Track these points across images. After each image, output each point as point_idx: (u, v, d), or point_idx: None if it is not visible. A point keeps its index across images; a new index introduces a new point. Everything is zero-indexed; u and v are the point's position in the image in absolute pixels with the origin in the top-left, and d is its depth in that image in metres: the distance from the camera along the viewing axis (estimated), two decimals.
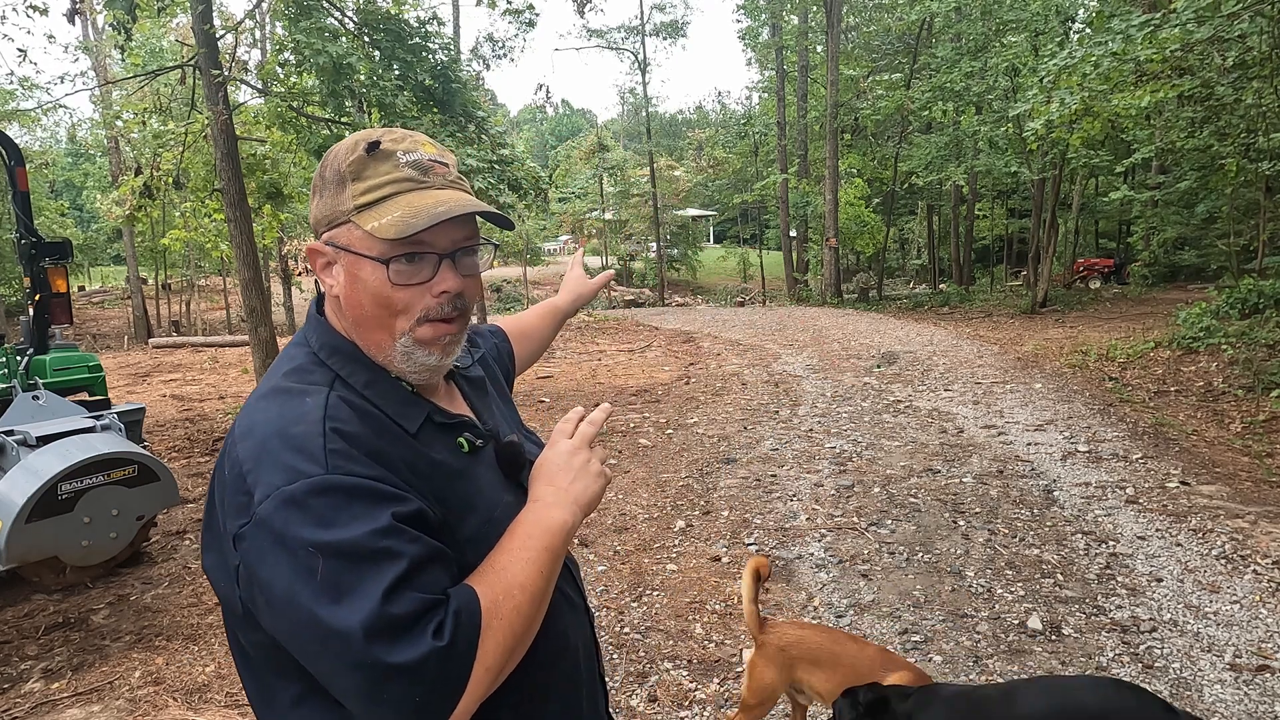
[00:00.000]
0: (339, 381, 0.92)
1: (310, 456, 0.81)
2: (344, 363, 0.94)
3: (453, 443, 0.96)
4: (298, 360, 0.96)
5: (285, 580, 0.77)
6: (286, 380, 0.92)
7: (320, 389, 0.90)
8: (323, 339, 0.97)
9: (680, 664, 3.20)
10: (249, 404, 0.92)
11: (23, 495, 3.64)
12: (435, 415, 0.96)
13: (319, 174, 0.96)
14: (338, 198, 0.93)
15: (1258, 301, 9.52)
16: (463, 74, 9.24)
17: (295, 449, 0.82)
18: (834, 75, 20.06)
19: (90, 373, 5.05)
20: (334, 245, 0.93)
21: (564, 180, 43.88)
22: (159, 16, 9.44)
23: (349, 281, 0.93)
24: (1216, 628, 3.30)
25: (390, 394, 0.94)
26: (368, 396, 0.92)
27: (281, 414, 0.86)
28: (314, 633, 0.77)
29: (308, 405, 0.87)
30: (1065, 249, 22.97)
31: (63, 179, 34.48)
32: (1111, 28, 7.48)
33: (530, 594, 0.85)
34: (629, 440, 6.81)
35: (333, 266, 0.95)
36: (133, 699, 3.11)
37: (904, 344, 11.85)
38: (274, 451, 0.82)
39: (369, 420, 0.88)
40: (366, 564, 0.77)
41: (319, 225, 0.96)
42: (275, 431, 0.84)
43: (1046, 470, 5.47)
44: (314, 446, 0.82)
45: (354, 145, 0.94)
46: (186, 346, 17.57)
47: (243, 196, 8.26)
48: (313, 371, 0.93)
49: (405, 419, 0.92)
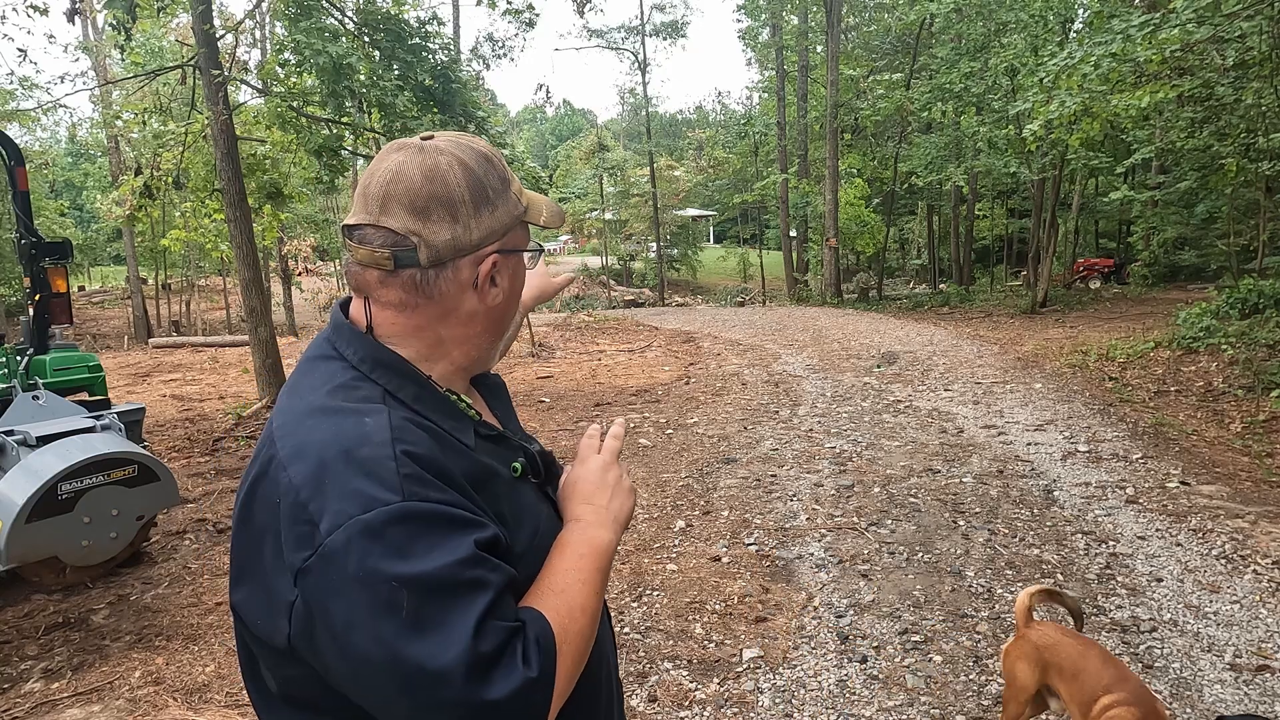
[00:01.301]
0: (389, 397, 0.88)
1: (383, 482, 0.76)
2: (391, 377, 0.90)
3: (502, 457, 0.95)
4: (339, 377, 0.89)
5: (363, 617, 0.73)
6: (334, 399, 0.86)
7: (378, 407, 0.85)
8: (362, 351, 0.91)
9: (680, 664, 3.20)
10: (292, 422, 0.86)
11: (23, 495, 3.63)
12: (480, 428, 0.94)
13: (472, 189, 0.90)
14: (509, 202, 0.94)
15: (1258, 301, 9.51)
16: (463, 74, 9.24)
17: (365, 474, 0.77)
18: (834, 75, 20.06)
19: (90, 373, 5.05)
20: (509, 251, 0.95)
21: (564, 180, 43.92)
22: (159, 16, 9.42)
23: (513, 284, 0.96)
24: (1216, 628, 3.30)
25: (440, 407, 0.91)
26: (419, 411, 0.88)
27: (340, 435, 0.81)
28: (396, 672, 0.72)
29: (368, 426, 0.82)
30: (1065, 249, 22.98)
31: (63, 179, 34.47)
32: (1111, 28, 7.48)
33: (590, 616, 0.86)
34: (629, 440, 6.81)
35: (499, 276, 0.94)
36: (133, 699, 3.11)
37: (904, 344, 11.85)
38: (340, 476, 0.77)
39: (434, 439, 0.85)
40: (454, 597, 0.74)
41: (489, 238, 0.91)
42: (339, 454, 0.79)
43: (1046, 470, 5.47)
44: (386, 471, 0.77)
45: (490, 152, 0.94)
46: (186, 346, 17.57)
47: (243, 196, 8.26)
48: (359, 387, 0.88)
49: (460, 433, 0.90)
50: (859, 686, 2.99)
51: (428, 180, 0.87)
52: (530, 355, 12.56)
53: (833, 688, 3.00)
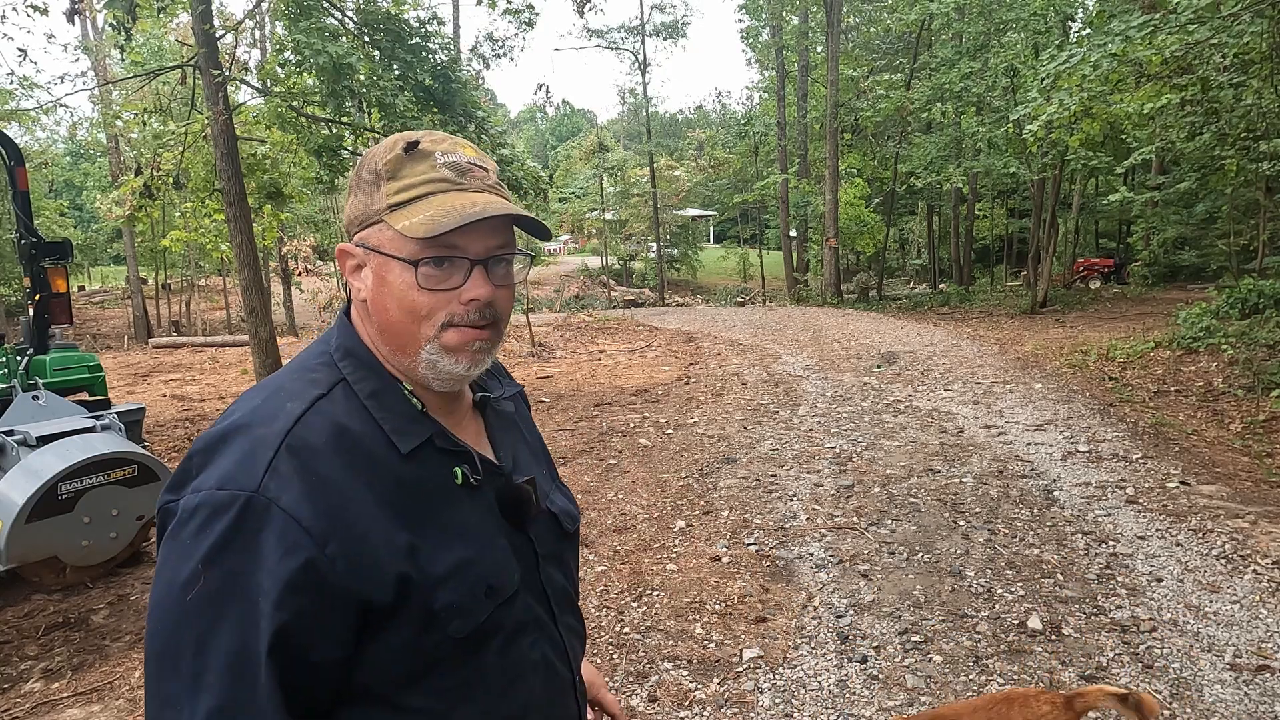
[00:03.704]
0: (344, 385, 0.88)
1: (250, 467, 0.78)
2: (355, 368, 0.90)
3: (448, 469, 0.90)
4: (309, 360, 0.92)
5: (159, 590, 0.77)
6: (286, 378, 0.90)
7: (314, 393, 0.86)
8: (342, 341, 0.93)
9: (680, 664, 3.20)
10: (246, 392, 0.91)
11: (23, 495, 3.64)
12: (438, 439, 0.90)
13: (355, 173, 0.93)
14: (372, 197, 0.89)
15: (1258, 301, 9.52)
16: (463, 74, 9.24)
17: (245, 453, 0.80)
18: (834, 75, 20.06)
19: (90, 373, 5.05)
20: (364, 246, 0.90)
21: (564, 180, 43.91)
22: (159, 16, 9.42)
23: (376, 284, 0.89)
24: (1216, 628, 3.30)
25: (395, 408, 0.89)
26: (369, 408, 0.87)
27: (257, 410, 0.84)
28: (147, 668, 0.76)
29: (286, 410, 0.84)
30: (1065, 249, 22.98)
31: (63, 179, 34.48)
32: (1111, 29, 7.48)
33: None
34: (629, 440, 6.81)
35: (362, 269, 0.91)
36: (133, 699, 3.11)
37: (904, 344, 11.85)
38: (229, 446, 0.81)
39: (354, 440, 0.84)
40: (216, 621, 0.75)
41: (351, 226, 0.92)
42: (241, 426, 0.82)
43: (1046, 470, 5.47)
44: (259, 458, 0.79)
45: (393, 144, 0.90)
46: (186, 346, 17.57)
47: (243, 196, 8.26)
48: (317, 371, 0.90)
49: (402, 436, 0.87)
50: (859, 686, 2.99)
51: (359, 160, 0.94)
52: (530, 355, 12.56)
53: (833, 688, 2.99)
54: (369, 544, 0.80)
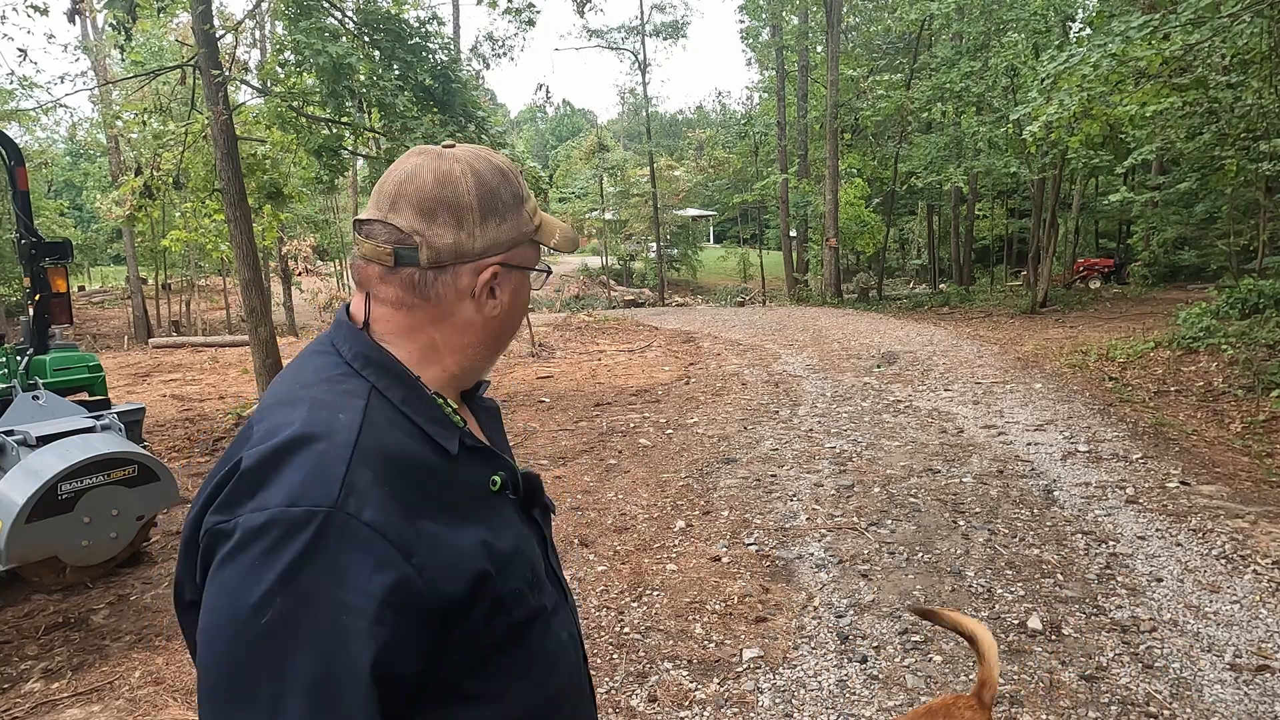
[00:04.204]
0: (375, 394, 0.87)
1: (324, 482, 0.76)
2: (380, 375, 0.89)
3: (484, 471, 0.93)
4: (329, 370, 0.89)
5: (227, 610, 0.73)
6: (318, 390, 0.86)
7: (358, 404, 0.84)
8: (356, 347, 0.91)
9: (680, 664, 3.20)
10: (271, 407, 0.86)
11: (23, 495, 3.64)
12: (466, 438, 0.92)
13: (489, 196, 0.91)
14: (519, 217, 0.95)
15: (1258, 301, 9.52)
16: (463, 74, 9.24)
17: (312, 468, 0.77)
18: (834, 75, 20.06)
19: (90, 373, 5.05)
20: (512, 266, 0.95)
21: (564, 180, 43.92)
22: (159, 16, 9.42)
23: (513, 300, 0.97)
24: (1216, 628, 3.30)
25: (427, 412, 0.89)
26: (406, 413, 0.87)
27: (307, 424, 0.80)
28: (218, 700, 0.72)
29: (339, 421, 0.81)
30: (1065, 249, 22.98)
31: (63, 179, 34.47)
32: (1111, 29, 7.48)
33: None
34: (629, 440, 6.81)
35: (497, 291, 0.94)
36: (133, 699, 3.11)
37: (904, 344, 11.85)
38: (290, 463, 0.77)
39: (415, 442, 0.85)
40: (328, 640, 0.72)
41: (493, 250, 0.92)
42: (298, 440, 0.78)
43: (1046, 470, 5.47)
44: (333, 472, 0.76)
45: (502, 165, 0.95)
46: (186, 346, 17.57)
47: (243, 196, 8.26)
48: (346, 382, 0.88)
49: (445, 439, 0.88)
50: (859, 686, 2.99)
51: (439, 184, 0.89)
52: (530, 355, 12.56)
53: (833, 688, 3.00)
54: (447, 550, 0.81)
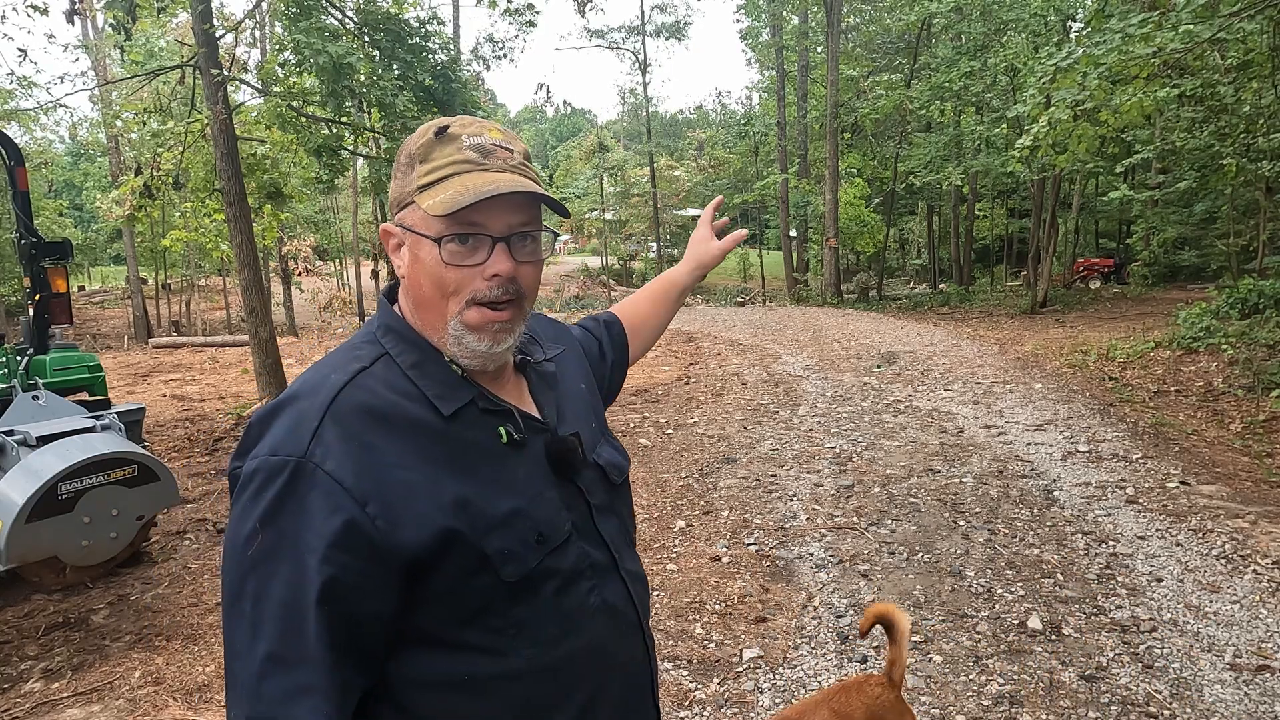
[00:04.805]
0: (386, 359, 0.95)
1: (297, 434, 0.86)
2: (396, 341, 0.97)
3: (493, 429, 0.96)
4: (355, 339, 1.00)
5: (228, 546, 0.85)
6: (335, 355, 0.97)
7: (355, 367, 0.93)
8: (383, 320, 1.00)
9: (680, 664, 3.20)
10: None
11: (23, 495, 3.63)
12: (480, 401, 0.96)
13: (396, 159, 1.00)
14: (407, 179, 0.96)
15: (1258, 301, 9.52)
16: (463, 74, 9.24)
17: (292, 421, 0.87)
18: (834, 75, 20.06)
19: (90, 373, 5.04)
20: (401, 226, 0.96)
21: (564, 180, 43.92)
22: (159, 16, 9.43)
23: (411, 262, 0.96)
24: (1216, 627, 3.30)
25: (436, 375, 0.95)
26: (411, 377, 0.94)
27: (303, 383, 0.92)
28: (225, 628, 0.84)
29: (330, 381, 0.91)
30: (1065, 249, 22.97)
31: (63, 179, 34.48)
32: (1110, 28, 7.47)
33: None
34: (629, 440, 6.80)
35: (401, 248, 0.97)
36: (133, 699, 3.11)
37: (904, 344, 11.85)
38: (281, 416, 0.88)
39: (393, 407, 0.91)
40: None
41: (392, 208, 0.99)
42: (291, 397, 0.90)
43: (1046, 470, 5.47)
44: (305, 426, 0.86)
45: (427, 129, 0.97)
46: (186, 346, 17.56)
47: (243, 196, 8.26)
48: (361, 349, 0.97)
49: (444, 401, 0.93)
50: None
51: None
52: None
53: None
54: (411, 502, 0.86)
